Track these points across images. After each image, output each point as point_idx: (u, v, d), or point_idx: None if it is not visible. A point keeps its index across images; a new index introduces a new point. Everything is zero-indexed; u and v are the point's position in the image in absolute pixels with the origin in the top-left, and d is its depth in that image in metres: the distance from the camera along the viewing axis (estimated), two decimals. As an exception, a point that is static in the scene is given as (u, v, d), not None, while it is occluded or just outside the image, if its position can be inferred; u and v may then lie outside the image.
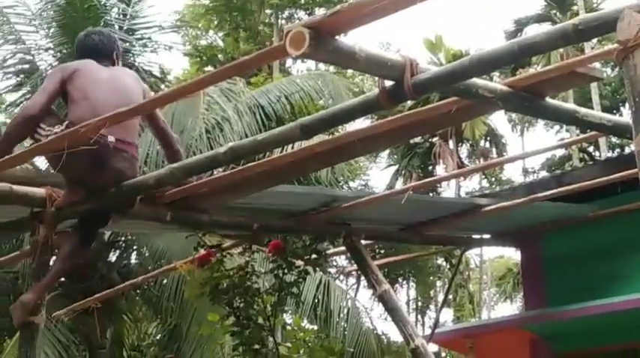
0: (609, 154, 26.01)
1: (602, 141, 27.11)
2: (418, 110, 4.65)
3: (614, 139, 28.16)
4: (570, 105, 4.66)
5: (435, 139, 32.00)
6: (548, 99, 4.35)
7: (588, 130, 5.66)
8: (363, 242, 7.19)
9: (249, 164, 5.31)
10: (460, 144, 32.97)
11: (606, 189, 6.75)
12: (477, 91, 4.04)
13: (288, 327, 8.69)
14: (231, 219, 6.22)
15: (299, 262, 7.00)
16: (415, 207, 6.86)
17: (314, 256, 6.90)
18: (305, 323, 14.56)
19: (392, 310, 6.41)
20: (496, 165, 23.37)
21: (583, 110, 4.55)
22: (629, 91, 3.15)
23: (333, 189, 13.41)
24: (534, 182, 7.85)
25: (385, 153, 35.37)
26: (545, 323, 7.63)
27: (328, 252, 7.80)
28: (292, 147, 7.29)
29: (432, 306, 33.99)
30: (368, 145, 5.06)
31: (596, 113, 4.71)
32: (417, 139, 32.34)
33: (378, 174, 52.42)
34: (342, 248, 7.31)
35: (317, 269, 7.88)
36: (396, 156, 34.88)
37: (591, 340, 7.58)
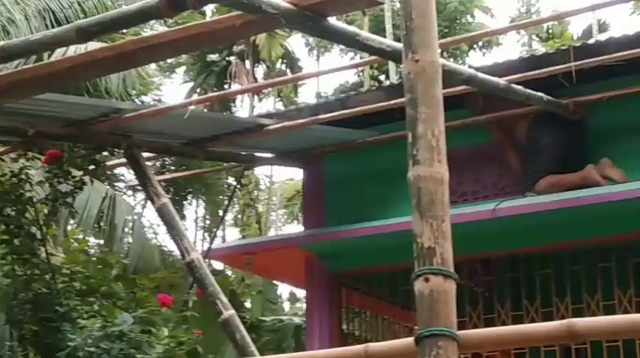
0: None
1: (392, 69, 27.81)
2: (203, 22, 4.61)
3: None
4: (352, 28, 4.72)
5: (231, 58, 31.84)
6: (332, 21, 4.39)
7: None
8: (148, 155, 7.11)
9: (25, 66, 5.08)
10: (257, 64, 32.97)
11: (387, 114, 6.93)
12: (261, 6, 4.02)
13: (72, 242, 8.48)
14: (4, 124, 5.95)
15: (77, 172, 6.82)
16: (199, 123, 6.82)
17: (92, 166, 6.74)
18: (89, 237, 14.29)
19: (169, 224, 6.37)
20: (285, 82, 23.55)
21: (364, 34, 4.63)
22: (402, 15, 3.20)
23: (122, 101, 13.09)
24: (319, 104, 7.95)
25: (181, 70, 34.86)
26: (320, 242, 7.81)
27: (109, 163, 7.64)
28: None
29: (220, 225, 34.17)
30: (151, 54, 4.95)
31: (376, 37, 4.79)
32: (214, 57, 32.07)
33: (173, 91, 51.75)
34: (124, 159, 7.17)
35: (105, 182, 7.71)
36: (192, 74, 34.44)
37: (363, 260, 7.84)
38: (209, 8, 27.43)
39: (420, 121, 3.06)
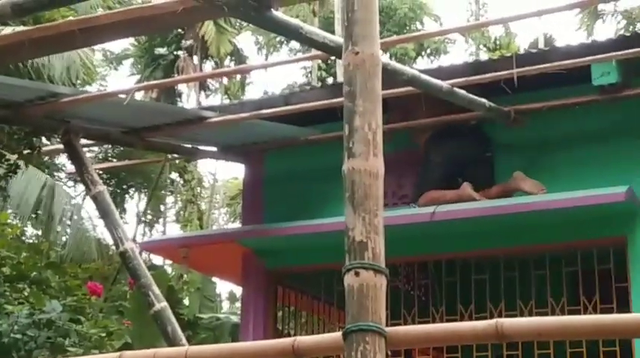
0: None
1: (339, 71, 27.84)
2: (143, 6, 4.52)
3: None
4: (295, 21, 4.68)
5: (180, 53, 31.56)
6: (275, 12, 4.34)
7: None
8: (87, 143, 6.98)
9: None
10: (205, 60, 32.72)
11: (330, 113, 6.88)
12: (203, -8, 3.96)
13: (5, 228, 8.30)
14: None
15: (12, 156, 6.68)
16: (139, 111, 6.71)
17: (28, 151, 6.60)
18: (28, 227, 14.03)
19: (104, 212, 6.26)
20: (229, 74, 23.46)
21: (307, 27, 4.58)
22: (344, 6, 3.16)
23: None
24: (262, 99, 7.88)
25: (128, 62, 34.44)
26: (258, 239, 7.73)
27: (46, 148, 7.49)
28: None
29: (161, 220, 33.86)
30: (90, 37, 4.86)
31: (320, 32, 4.74)
32: (162, 51, 31.75)
33: (119, 83, 51.04)
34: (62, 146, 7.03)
35: (45, 171, 7.57)
36: (139, 66, 34.06)
37: (301, 258, 7.79)
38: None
39: (358, 114, 3.02)
